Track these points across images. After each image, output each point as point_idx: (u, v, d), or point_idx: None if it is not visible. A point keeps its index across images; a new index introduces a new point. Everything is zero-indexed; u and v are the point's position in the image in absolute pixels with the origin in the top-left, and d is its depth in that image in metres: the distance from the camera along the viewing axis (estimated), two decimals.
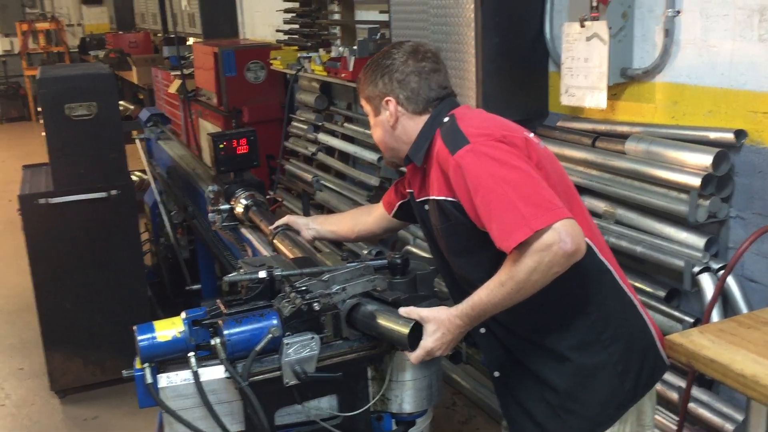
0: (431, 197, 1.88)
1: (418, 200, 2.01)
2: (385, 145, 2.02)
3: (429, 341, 1.73)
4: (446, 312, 1.75)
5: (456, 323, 1.73)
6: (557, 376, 1.85)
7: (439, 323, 1.74)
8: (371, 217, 2.43)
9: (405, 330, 1.72)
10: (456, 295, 2.01)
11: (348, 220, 2.50)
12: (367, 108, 2.04)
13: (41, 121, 3.84)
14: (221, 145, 2.95)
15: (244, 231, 2.85)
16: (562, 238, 1.58)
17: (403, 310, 1.76)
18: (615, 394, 1.84)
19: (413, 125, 1.94)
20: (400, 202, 2.29)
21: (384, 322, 1.77)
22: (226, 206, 2.91)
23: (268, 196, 2.97)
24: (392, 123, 1.95)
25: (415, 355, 1.75)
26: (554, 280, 1.64)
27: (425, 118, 1.93)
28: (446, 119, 1.88)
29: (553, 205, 1.63)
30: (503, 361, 1.94)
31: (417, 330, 1.74)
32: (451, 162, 1.75)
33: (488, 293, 1.69)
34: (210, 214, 2.96)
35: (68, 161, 3.78)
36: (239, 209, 2.86)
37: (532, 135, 1.88)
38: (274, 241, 2.49)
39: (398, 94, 1.93)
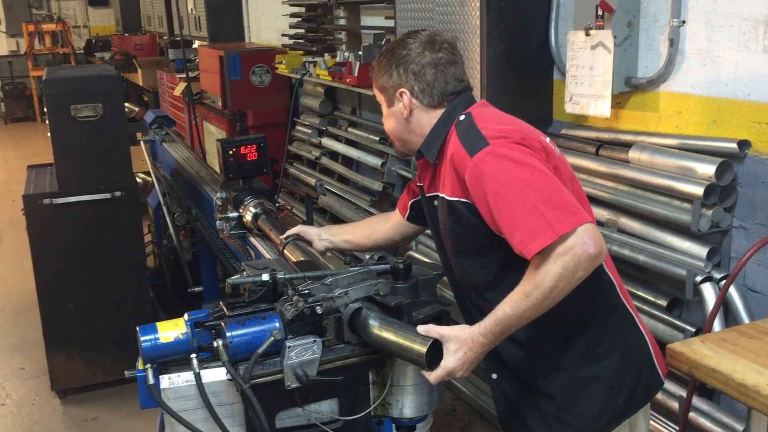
0: (441, 195, 1.85)
1: (427, 195, 1.98)
2: (398, 136, 1.97)
3: (450, 361, 1.67)
4: (468, 330, 1.68)
5: (479, 341, 1.66)
6: (551, 385, 1.84)
7: (460, 342, 1.67)
8: (388, 223, 2.36)
9: (423, 349, 1.66)
10: (458, 296, 2.01)
11: (364, 229, 2.43)
12: (379, 98, 1.98)
13: (46, 122, 3.85)
14: (230, 152, 2.88)
15: (252, 239, 2.79)
16: (585, 240, 1.56)
17: (421, 328, 1.69)
18: (607, 407, 1.83)
19: (427, 119, 1.89)
20: (412, 201, 2.25)
21: (400, 339, 1.72)
22: (235, 214, 2.84)
23: (277, 205, 2.90)
24: (406, 115, 1.90)
25: (435, 375, 1.68)
26: None
27: (440, 112, 1.88)
28: (462, 117, 1.83)
29: (575, 208, 1.61)
30: (501, 365, 1.93)
31: (435, 348, 1.68)
32: (470, 164, 1.70)
33: (512, 306, 1.63)
34: (218, 222, 2.89)
35: (73, 162, 3.80)
36: (248, 217, 2.79)
37: (548, 140, 1.84)
38: (285, 251, 2.42)
39: (413, 86, 1.87)
